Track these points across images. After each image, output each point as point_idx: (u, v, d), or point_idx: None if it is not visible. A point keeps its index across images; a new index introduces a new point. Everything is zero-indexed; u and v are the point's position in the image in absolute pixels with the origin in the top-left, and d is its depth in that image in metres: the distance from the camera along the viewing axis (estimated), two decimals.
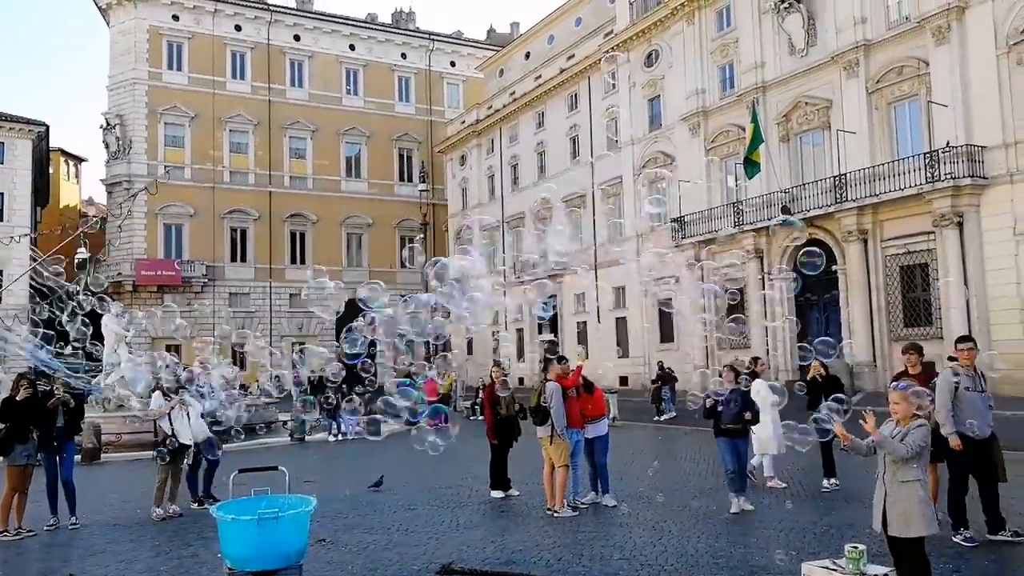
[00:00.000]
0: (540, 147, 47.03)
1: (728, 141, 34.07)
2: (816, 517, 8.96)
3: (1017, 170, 23.72)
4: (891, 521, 5.43)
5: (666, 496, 10.34)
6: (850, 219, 27.65)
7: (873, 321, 27.33)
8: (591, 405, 10.37)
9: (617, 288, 40.57)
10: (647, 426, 22.37)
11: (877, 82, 27.83)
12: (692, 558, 7.37)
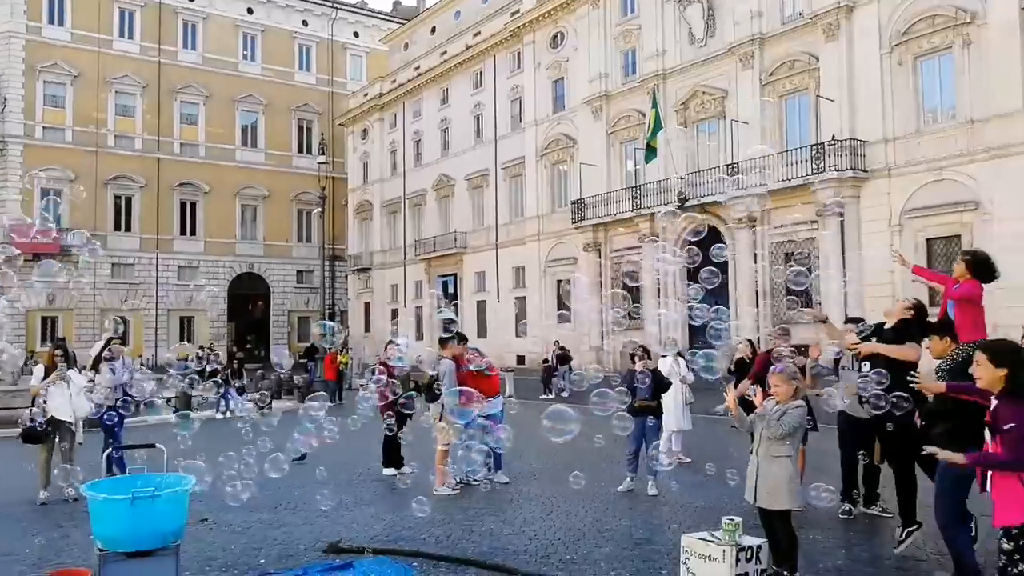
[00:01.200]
0: (444, 124, 46.64)
1: (629, 126, 34.67)
2: (702, 493, 9.28)
3: (895, 165, 25.12)
4: (760, 494, 5.69)
5: (558, 473, 10.50)
6: (741, 206, 28.65)
7: (758, 304, 28.49)
8: (486, 383, 10.40)
9: (518, 268, 40.84)
10: (542, 404, 22.61)
11: (770, 75, 28.86)
12: (579, 532, 7.52)
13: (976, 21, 23.42)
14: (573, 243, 36.91)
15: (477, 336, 41.08)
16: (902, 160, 24.97)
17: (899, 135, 25.11)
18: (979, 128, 23.21)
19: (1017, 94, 22.37)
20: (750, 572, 5.06)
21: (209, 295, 40.85)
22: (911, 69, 25.05)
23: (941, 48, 24.36)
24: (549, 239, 38.67)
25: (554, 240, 38.35)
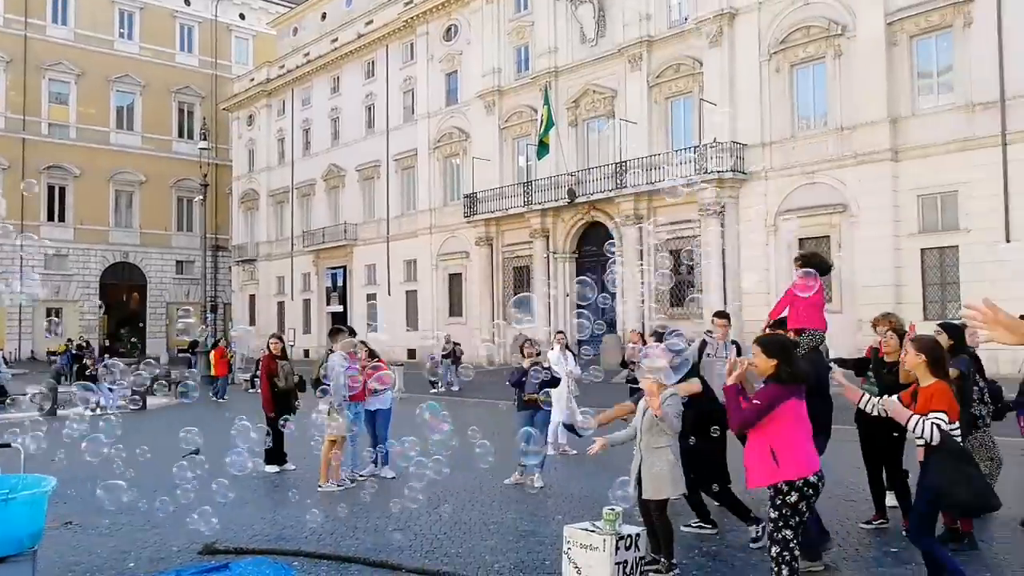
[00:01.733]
0: (334, 113, 45.67)
1: (521, 122, 34.93)
2: (587, 484, 9.46)
3: (771, 167, 26.34)
4: (646, 486, 5.86)
5: (446, 467, 10.46)
6: (628, 204, 29.39)
7: (644, 300, 29.32)
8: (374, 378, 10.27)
9: (409, 261, 40.50)
10: (432, 399, 22.50)
11: (657, 77, 29.70)
12: (465, 526, 7.52)
13: (847, 34, 24.84)
14: (465, 237, 36.92)
15: (367, 330, 40.50)
16: (778, 163, 26.23)
17: (776, 139, 26.35)
18: (848, 135, 24.64)
19: (882, 104, 23.88)
20: (629, 560, 5.19)
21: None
22: (788, 77, 26.33)
23: (815, 58, 25.71)
24: (441, 232, 38.53)
25: (446, 234, 38.24)
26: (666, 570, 5.83)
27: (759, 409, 4.64)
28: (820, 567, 5.91)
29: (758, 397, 4.67)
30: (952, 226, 22.90)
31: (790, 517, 4.57)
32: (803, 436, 4.67)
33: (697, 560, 6.25)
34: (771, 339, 4.94)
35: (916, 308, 23.10)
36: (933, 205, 23.37)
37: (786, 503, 4.56)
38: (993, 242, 21.90)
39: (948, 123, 22.90)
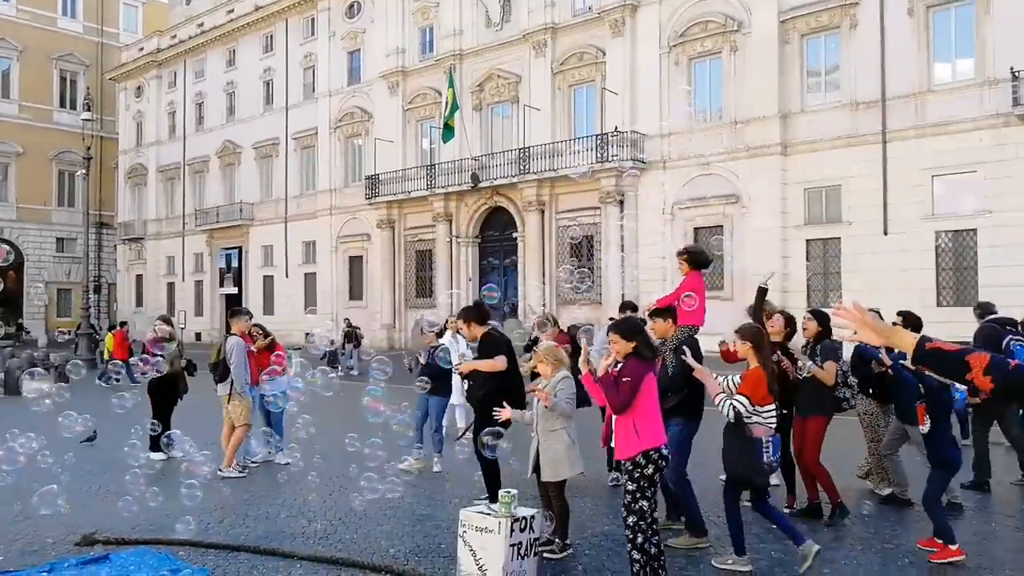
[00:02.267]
0: (230, 87, 44.00)
1: (425, 104, 34.58)
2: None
3: (669, 158, 27.01)
4: (544, 468, 5.94)
5: (342, 452, 10.31)
6: (531, 190, 29.58)
7: (545, 285, 29.64)
8: (272, 361, 10.03)
9: (308, 242, 39.59)
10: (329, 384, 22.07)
11: (561, 64, 29.93)
12: (360, 512, 7.42)
13: (742, 30, 25.66)
14: (367, 219, 36.36)
15: (263, 313, 39.41)
16: (676, 154, 26.93)
17: (674, 130, 27.02)
18: (741, 129, 25.52)
19: (773, 100, 24.83)
20: (523, 541, 5.24)
21: None
22: (686, 69, 27.01)
23: (712, 52, 26.46)
24: (342, 214, 37.80)
25: (347, 215, 37.55)
26: (560, 550, 5.93)
27: (632, 385, 4.91)
28: (706, 543, 6.16)
29: (626, 375, 4.91)
30: (835, 218, 24.09)
31: (647, 488, 4.91)
32: (656, 409, 5.06)
33: (590, 540, 6.38)
34: (625, 323, 5.31)
35: (801, 296, 24.24)
36: (818, 198, 24.52)
37: (644, 475, 4.90)
38: (873, 234, 23.17)
39: (834, 120, 24.03)
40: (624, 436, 4.95)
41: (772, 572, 5.61)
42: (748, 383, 5.57)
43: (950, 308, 21.52)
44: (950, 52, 22.52)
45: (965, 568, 5.64)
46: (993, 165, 21.33)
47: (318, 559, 5.89)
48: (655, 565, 4.88)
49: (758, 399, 5.55)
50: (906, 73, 22.74)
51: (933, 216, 22.36)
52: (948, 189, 22.22)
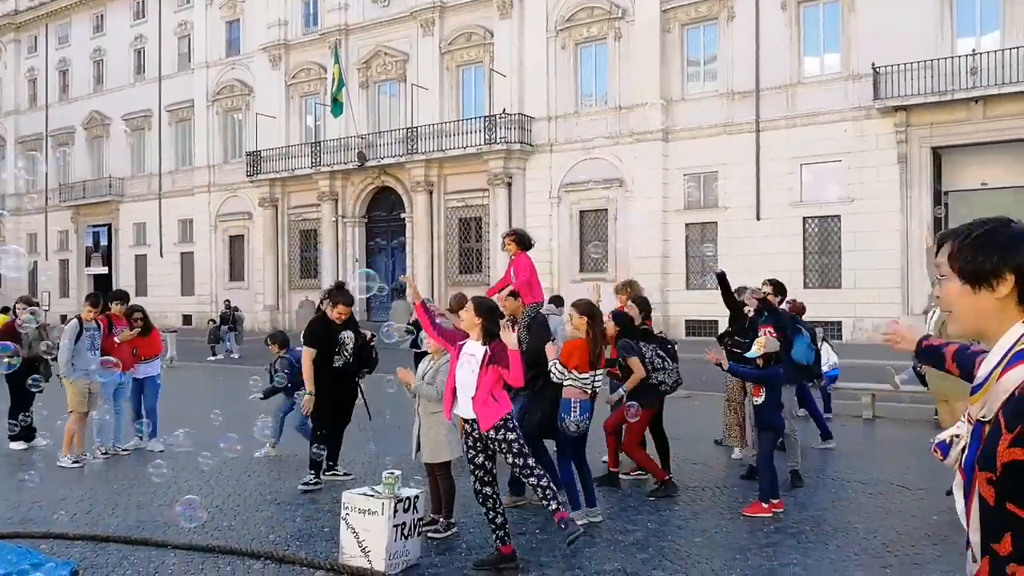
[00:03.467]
0: (98, 55, 41.39)
1: (310, 79, 33.64)
2: (368, 450, 9.41)
3: (556, 141, 27.36)
4: (424, 449, 5.96)
5: (223, 439, 9.98)
6: (419, 170, 29.33)
7: (433, 267, 29.53)
8: (146, 344, 9.59)
9: (184, 221, 37.90)
10: (207, 366, 21.36)
11: (449, 44, 29.73)
12: (240, 498, 7.24)
13: (626, 17, 26.20)
14: (248, 197, 35.13)
15: (136, 294, 37.52)
16: (562, 138, 27.30)
17: (560, 114, 27.38)
18: (625, 114, 26.12)
19: (655, 87, 25.52)
20: (407, 522, 5.24)
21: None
22: (572, 54, 27.37)
23: (598, 38, 26.91)
24: (221, 191, 36.35)
25: (227, 193, 36.14)
26: (445, 529, 5.97)
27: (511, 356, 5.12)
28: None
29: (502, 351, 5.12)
30: (712, 204, 25.09)
31: (521, 447, 5.20)
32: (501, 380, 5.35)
33: (475, 518, 6.44)
34: (482, 302, 5.52)
35: (680, 278, 25.18)
36: (697, 183, 25.45)
37: (506, 439, 5.15)
38: (746, 219, 24.27)
39: (712, 109, 24.95)
40: (484, 406, 5.15)
41: (649, 541, 5.84)
42: (564, 352, 6.32)
43: (817, 290, 22.86)
44: (819, 47, 23.77)
45: (820, 529, 6.05)
46: (856, 155, 22.72)
47: (193, 548, 5.69)
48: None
49: (572, 365, 6.18)
50: (779, 65, 23.85)
51: (802, 203, 23.63)
52: (815, 177, 23.53)
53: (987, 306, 1.82)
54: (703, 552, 5.61)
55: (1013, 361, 1.72)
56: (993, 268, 1.80)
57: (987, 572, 1.73)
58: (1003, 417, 1.68)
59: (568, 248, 27.30)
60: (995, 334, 1.82)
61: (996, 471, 1.68)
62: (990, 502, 1.71)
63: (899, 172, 22.18)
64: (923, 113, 21.73)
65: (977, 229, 1.88)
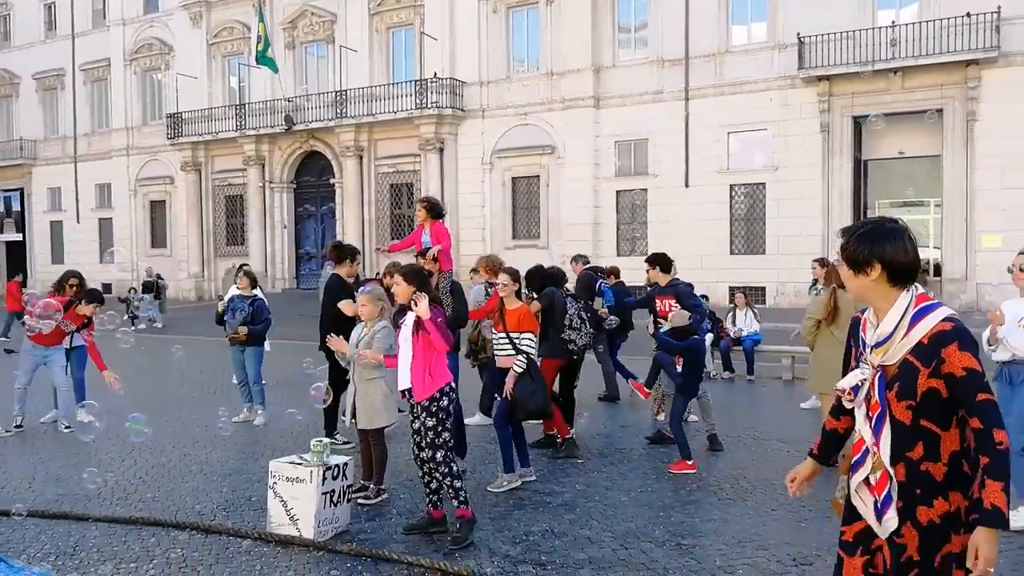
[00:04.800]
0: (4, 9, 39.21)
1: (233, 39, 32.52)
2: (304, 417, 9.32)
3: (488, 106, 27.17)
4: (360, 415, 5.94)
5: (145, 409, 9.74)
6: (348, 135, 28.80)
7: (364, 233, 29.16)
8: (71, 314, 9.25)
9: (102, 185, 36.45)
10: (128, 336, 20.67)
11: (379, 5, 29.09)
12: (164, 469, 7.11)
13: None
14: (169, 161, 33.94)
15: (52, 262, 36.12)
16: (494, 103, 27.11)
17: (492, 79, 27.16)
18: (557, 80, 26.07)
19: (587, 54, 25.51)
20: (336, 489, 5.23)
21: None
22: (504, 18, 27.11)
23: (530, 2, 26.68)
24: (140, 155, 35.02)
25: (147, 156, 34.84)
26: (375, 495, 5.99)
27: (444, 325, 5.13)
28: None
29: (438, 316, 5.07)
30: (643, 171, 25.36)
31: (445, 420, 5.11)
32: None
33: (405, 484, 6.48)
34: (411, 269, 5.43)
35: (611, 245, 25.46)
36: (628, 151, 25.66)
37: (441, 407, 5.09)
38: (675, 187, 24.63)
39: (642, 76, 25.10)
40: (422, 378, 5.08)
41: (576, 502, 5.97)
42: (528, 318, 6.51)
43: (742, 256, 23.43)
44: (746, 16, 24.08)
45: (740, 486, 6.28)
46: (780, 124, 23.23)
47: (115, 520, 5.57)
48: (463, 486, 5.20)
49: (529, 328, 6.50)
50: (707, 34, 24.10)
51: (728, 170, 24.08)
52: (742, 146, 23.99)
53: (866, 285, 2.55)
54: (628, 511, 5.77)
55: (913, 321, 2.47)
56: (865, 259, 2.51)
57: (903, 473, 2.46)
58: (917, 360, 2.43)
59: (501, 215, 27.28)
60: (877, 305, 2.56)
61: (916, 398, 2.43)
62: (907, 423, 2.45)
63: (822, 141, 22.79)
64: (845, 83, 22.31)
65: (861, 228, 2.57)
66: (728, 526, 5.41)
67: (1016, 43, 20.36)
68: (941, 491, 2.43)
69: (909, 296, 2.51)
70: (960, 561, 2.39)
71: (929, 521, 2.43)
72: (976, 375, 2.39)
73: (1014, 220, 20.48)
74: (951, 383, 2.40)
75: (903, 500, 2.46)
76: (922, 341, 2.44)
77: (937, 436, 2.44)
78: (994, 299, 20.38)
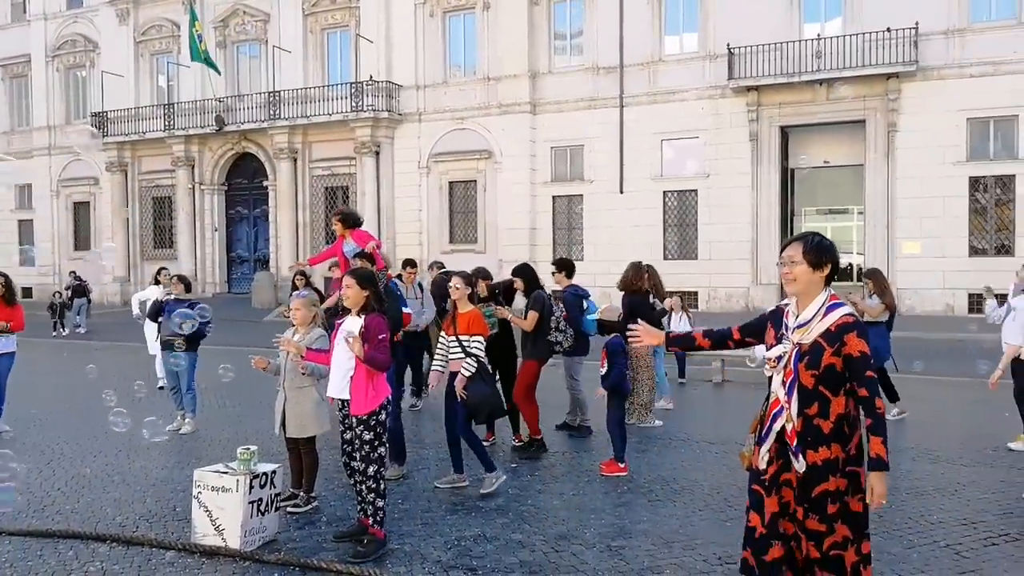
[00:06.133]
0: None
1: (161, 36, 31.68)
2: (232, 427, 9.12)
3: (425, 110, 27.09)
4: (290, 424, 5.82)
5: (65, 418, 9.41)
6: (282, 137, 28.35)
7: (298, 237, 28.73)
8: (7, 315, 8.83)
9: (22, 186, 35.05)
10: (49, 342, 20.02)
11: (313, 5, 28.73)
12: (85, 480, 6.86)
13: None
14: (94, 161, 32.83)
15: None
16: (431, 107, 27.04)
17: (429, 83, 27.08)
18: (494, 85, 26.15)
19: (523, 60, 25.66)
20: (264, 497, 5.14)
21: None
22: (441, 23, 27.07)
23: (466, 7, 26.71)
24: (63, 155, 33.79)
25: (70, 156, 33.63)
26: (305, 503, 5.89)
27: (387, 341, 5.00)
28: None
29: (380, 332, 4.93)
30: (578, 176, 25.61)
31: (382, 434, 5.02)
32: None
33: (336, 491, 6.40)
34: (362, 273, 5.30)
35: (547, 249, 25.61)
36: (564, 156, 25.89)
37: (379, 422, 5.00)
38: (610, 192, 24.94)
39: (578, 83, 25.37)
40: (363, 392, 4.97)
41: (509, 506, 5.99)
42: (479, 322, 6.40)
43: (675, 261, 23.86)
44: (679, 26, 24.56)
45: (669, 487, 6.40)
46: (712, 132, 23.75)
47: (31, 533, 5.36)
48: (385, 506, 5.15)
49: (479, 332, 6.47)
50: (641, 43, 24.50)
51: (662, 177, 24.51)
52: (675, 153, 24.45)
53: (815, 280, 3.34)
54: (560, 514, 5.81)
55: (827, 311, 3.29)
56: (824, 261, 3.33)
57: (801, 424, 3.27)
58: (824, 341, 3.24)
59: (438, 219, 27.20)
60: (810, 297, 3.36)
61: (819, 369, 3.24)
62: (809, 387, 3.27)
63: (751, 149, 23.38)
64: (773, 93, 22.95)
65: (817, 238, 3.38)
66: (657, 527, 5.49)
67: (933, 58, 21.27)
68: (826, 442, 3.24)
69: (827, 294, 3.34)
70: (834, 498, 3.24)
71: (814, 463, 3.25)
72: (867, 357, 3.21)
73: (932, 228, 21.40)
74: (847, 361, 3.22)
75: (799, 445, 3.28)
76: (830, 328, 3.25)
77: (829, 399, 3.25)
78: (914, 304, 21.28)
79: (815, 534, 3.27)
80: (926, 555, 4.92)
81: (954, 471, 6.94)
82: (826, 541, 3.27)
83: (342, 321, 5.19)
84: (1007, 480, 6.62)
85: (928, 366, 11.50)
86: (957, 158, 21.25)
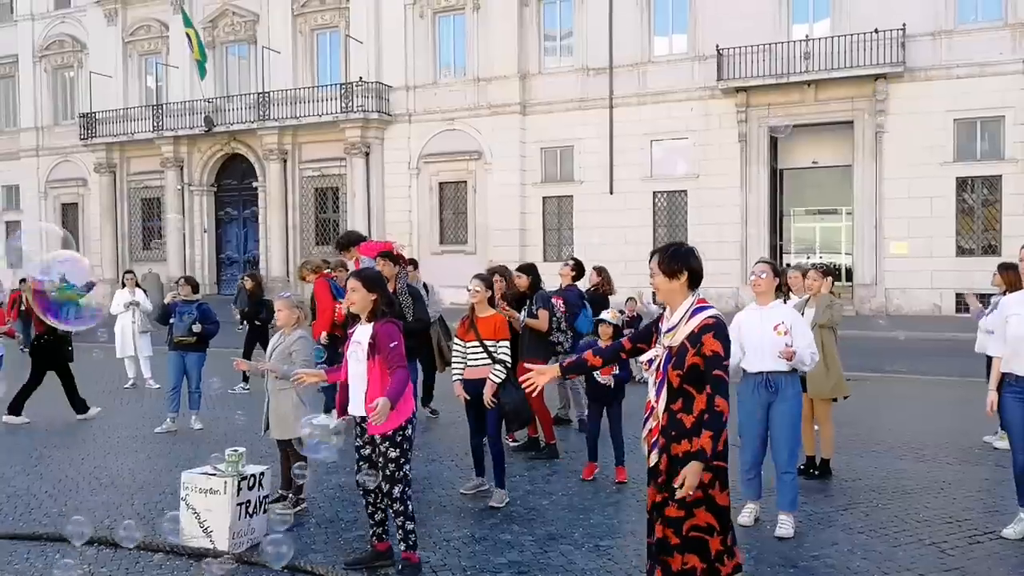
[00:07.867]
0: None
1: (150, 37, 31.56)
2: (224, 426, 9.10)
3: (415, 111, 27.07)
4: (273, 426, 5.83)
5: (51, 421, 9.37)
6: (272, 138, 28.29)
7: (288, 238, 28.67)
8: None
9: (10, 187, 34.85)
10: None
11: (303, 6, 28.67)
12: (72, 482, 6.82)
13: None
14: (83, 163, 32.67)
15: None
16: (421, 108, 27.02)
17: (419, 84, 27.07)
18: (484, 86, 26.16)
19: (513, 61, 25.69)
20: (252, 499, 5.13)
21: None
22: (431, 24, 27.05)
23: (456, 8, 26.71)
24: (51, 156, 33.62)
25: (58, 157, 33.46)
26: (294, 505, 5.88)
27: (400, 349, 4.54)
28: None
29: (393, 340, 4.50)
30: (568, 177, 25.65)
31: (408, 451, 4.63)
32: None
33: (325, 492, 6.40)
34: (370, 274, 4.87)
35: (538, 250, 25.65)
36: (554, 157, 25.93)
37: (406, 437, 4.60)
38: (600, 193, 24.98)
39: (568, 84, 25.41)
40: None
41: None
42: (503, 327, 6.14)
43: None
44: (668, 27, 24.63)
45: None
46: (701, 133, 23.83)
47: (17, 536, 5.34)
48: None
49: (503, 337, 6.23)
50: (631, 44, 24.56)
51: (651, 178, 24.57)
52: (664, 153, 24.51)
53: (675, 288, 3.58)
54: (548, 514, 5.83)
55: (691, 316, 3.52)
56: (678, 269, 3.55)
57: (667, 420, 3.55)
58: (689, 343, 3.48)
59: (428, 220, 27.18)
60: (676, 303, 3.60)
61: (683, 369, 3.48)
62: (675, 385, 3.52)
63: (740, 150, 23.47)
64: (761, 94, 23.04)
65: (672, 248, 3.61)
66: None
67: (920, 59, 21.41)
68: (688, 435, 3.49)
69: (693, 298, 3.57)
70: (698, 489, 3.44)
71: (676, 454, 3.51)
72: (719, 357, 3.44)
73: (919, 228, 21.53)
74: (704, 360, 3.45)
75: (665, 438, 3.56)
76: (694, 330, 3.48)
77: (692, 396, 3.50)
78: (901, 303, 21.40)
79: (674, 521, 3.53)
80: (912, 553, 4.96)
81: (939, 469, 6.99)
82: (685, 524, 3.52)
83: (353, 331, 4.75)
84: (992, 478, 6.67)
85: (914, 365, 11.58)
86: (944, 159, 21.39)
